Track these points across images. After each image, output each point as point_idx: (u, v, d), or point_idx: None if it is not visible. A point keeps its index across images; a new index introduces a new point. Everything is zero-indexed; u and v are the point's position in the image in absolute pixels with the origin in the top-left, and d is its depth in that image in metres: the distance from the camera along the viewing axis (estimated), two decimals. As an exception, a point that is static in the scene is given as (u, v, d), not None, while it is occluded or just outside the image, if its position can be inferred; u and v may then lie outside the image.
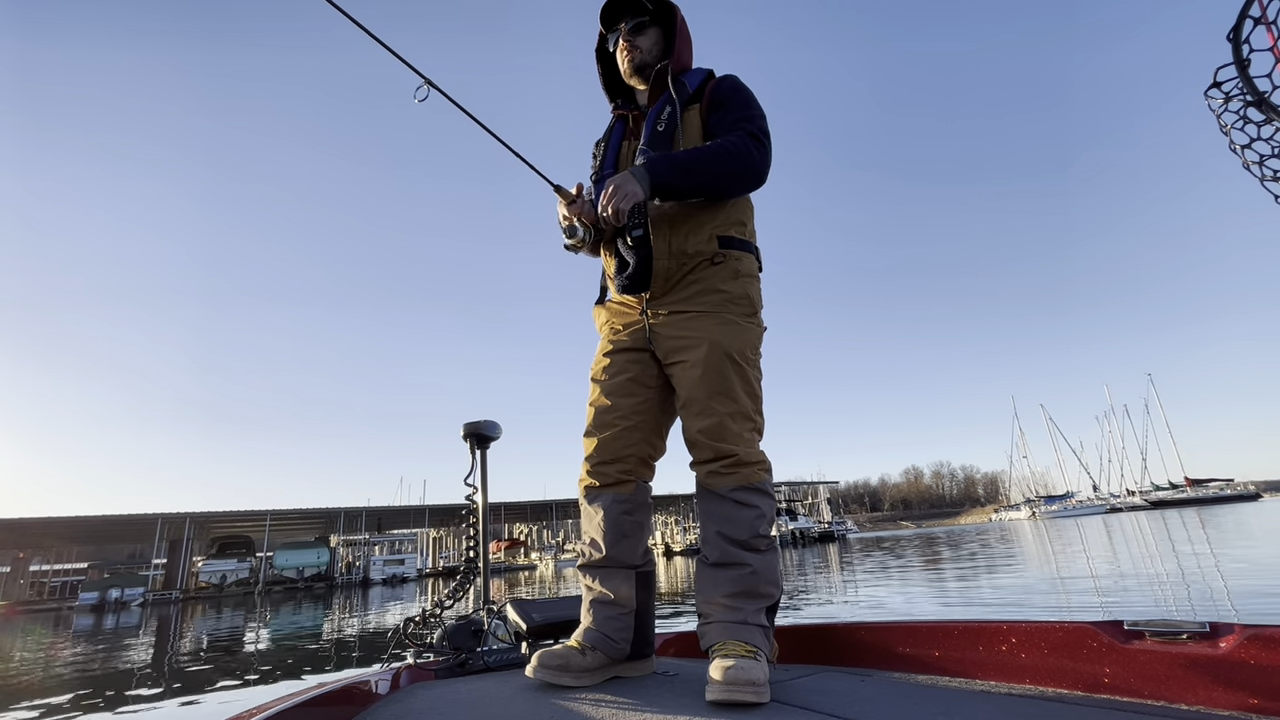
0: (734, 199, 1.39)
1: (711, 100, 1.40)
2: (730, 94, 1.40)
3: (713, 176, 1.30)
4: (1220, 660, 0.86)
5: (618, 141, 1.52)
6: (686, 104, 1.42)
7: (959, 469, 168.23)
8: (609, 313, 1.47)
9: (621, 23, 1.50)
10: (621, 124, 1.54)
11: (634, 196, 1.25)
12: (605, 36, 1.55)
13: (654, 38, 1.49)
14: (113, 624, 14.80)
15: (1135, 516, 33.14)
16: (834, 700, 1.02)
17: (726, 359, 1.28)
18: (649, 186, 1.27)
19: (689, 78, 1.46)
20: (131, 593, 31.35)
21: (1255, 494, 61.70)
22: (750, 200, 1.46)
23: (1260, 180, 1.44)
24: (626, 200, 1.25)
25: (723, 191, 1.34)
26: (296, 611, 13.58)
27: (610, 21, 1.53)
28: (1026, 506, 76.38)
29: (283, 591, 31.84)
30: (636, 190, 1.26)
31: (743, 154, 1.30)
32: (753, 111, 1.38)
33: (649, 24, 1.49)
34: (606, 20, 1.53)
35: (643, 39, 1.49)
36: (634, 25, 1.48)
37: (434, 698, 1.22)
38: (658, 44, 1.49)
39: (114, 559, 41.01)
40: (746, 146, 1.31)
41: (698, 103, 1.42)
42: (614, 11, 1.51)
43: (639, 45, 1.48)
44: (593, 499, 1.37)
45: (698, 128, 1.40)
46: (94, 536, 41.17)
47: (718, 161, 1.29)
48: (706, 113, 1.40)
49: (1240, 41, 1.45)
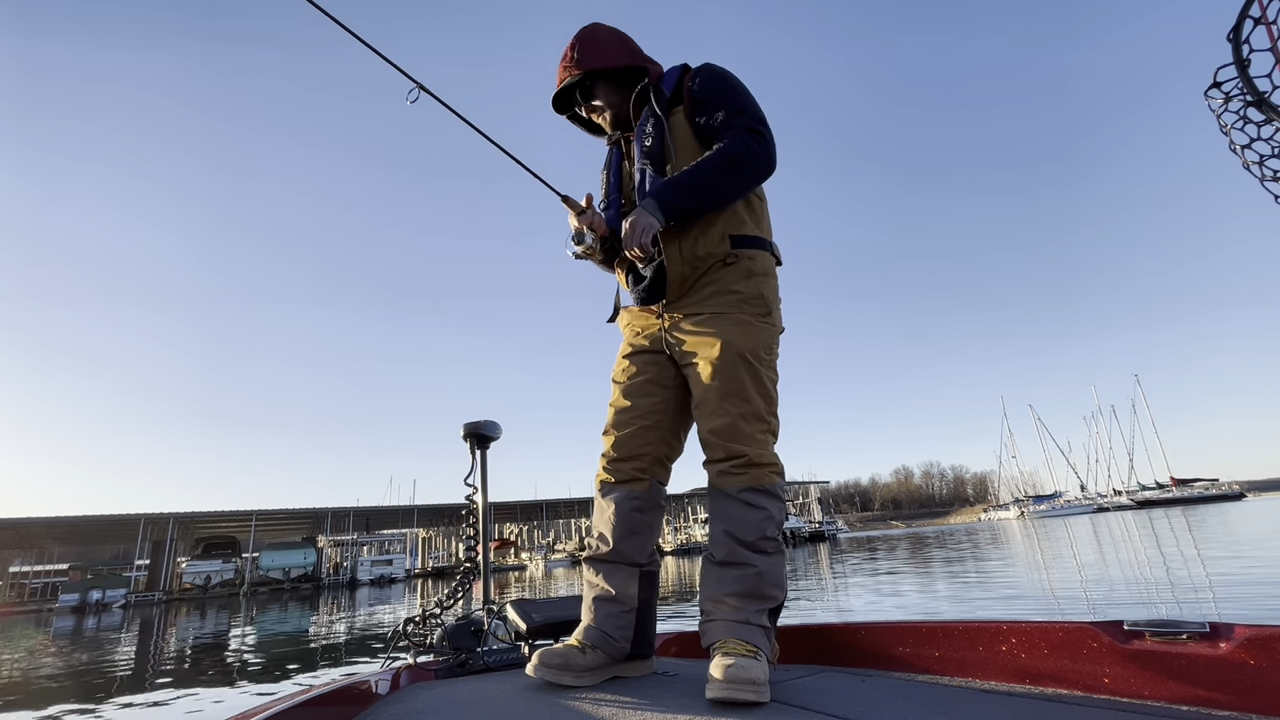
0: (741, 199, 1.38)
1: (693, 99, 1.38)
2: (712, 88, 1.37)
3: (720, 186, 1.29)
4: (1220, 660, 0.86)
5: (617, 165, 1.54)
6: (669, 109, 1.41)
7: (949, 469, 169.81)
8: (630, 315, 1.48)
9: (573, 104, 1.54)
10: (617, 149, 1.55)
11: (651, 229, 1.26)
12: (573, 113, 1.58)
13: (608, 88, 1.49)
14: (93, 626, 14.60)
15: (1122, 516, 33.58)
16: (834, 700, 1.02)
17: (739, 359, 1.27)
18: (662, 216, 1.28)
19: (665, 81, 1.44)
20: (113, 594, 30.98)
21: (1239, 494, 62.55)
22: (762, 194, 1.44)
23: (1260, 180, 1.45)
24: (647, 235, 1.26)
25: (735, 195, 1.33)
26: (282, 613, 13.44)
27: (564, 108, 1.56)
28: (1015, 506, 77.13)
29: (268, 592, 31.56)
30: (652, 222, 1.26)
31: (744, 155, 1.29)
32: (741, 102, 1.35)
33: (595, 83, 1.48)
34: (560, 109, 1.56)
35: (600, 99, 1.49)
36: (584, 94, 1.50)
37: (434, 698, 1.22)
38: (615, 89, 1.49)
39: (97, 560, 40.41)
40: (747, 145, 1.30)
41: (679, 103, 1.41)
42: (563, 100, 1.54)
43: (602, 106, 1.50)
44: (606, 493, 1.38)
45: (685, 129, 1.39)
46: (76, 537, 40.58)
47: (721, 170, 1.28)
48: (691, 113, 1.39)
49: (1240, 41, 1.46)
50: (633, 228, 1.27)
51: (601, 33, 1.48)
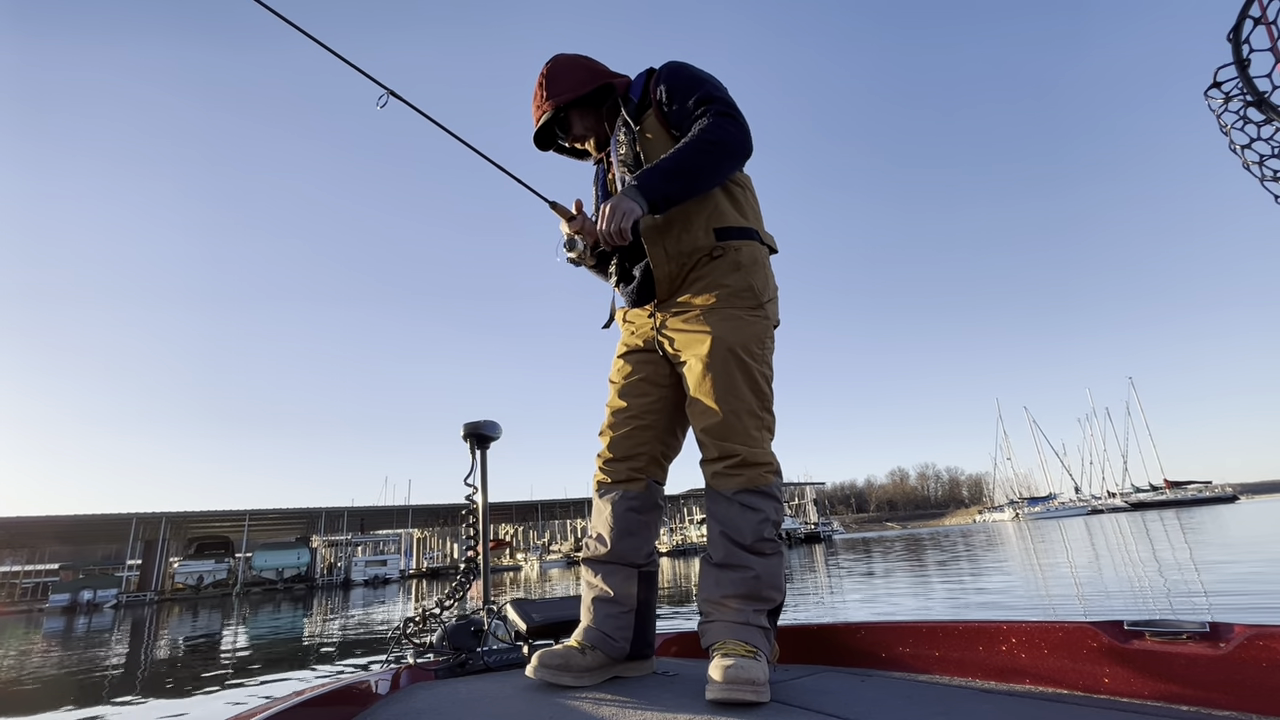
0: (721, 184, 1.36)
1: (660, 98, 1.39)
2: (676, 83, 1.37)
3: (700, 169, 1.28)
4: (1220, 660, 0.86)
5: (603, 178, 1.54)
6: (638, 115, 1.41)
7: (944, 470, 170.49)
8: (625, 316, 1.48)
9: (555, 140, 1.57)
10: (602, 165, 1.56)
11: (632, 213, 1.25)
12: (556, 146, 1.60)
13: (582, 115, 1.51)
14: (84, 626, 14.48)
15: (1116, 518, 33.71)
16: (834, 700, 1.02)
17: (729, 354, 1.26)
18: (645, 201, 1.26)
19: (633, 89, 1.45)
20: (104, 594, 30.75)
21: (1232, 496, 62.80)
22: (745, 183, 1.43)
23: (1260, 180, 1.45)
24: (626, 219, 1.24)
25: (715, 179, 1.32)
26: (275, 614, 13.37)
27: (547, 144, 1.58)
28: (1010, 508, 77.16)
29: (261, 593, 31.37)
30: (633, 207, 1.25)
31: (719, 137, 1.28)
32: (707, 89, 1.34)
33: (568, 113, 1.50)
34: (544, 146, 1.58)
35: (578, 128, 1.51)
36: (562, 126, 1.52)
37: (434, 698, 1.21)
38: (589, 113, 1.51)
39: (89, 560, 40.12)
40: (722, 128, 1.29)
41: (648, 107, 1.41)
42: (545, 138, 1.55)
43: (581, 134, 1.52)
44: (603, 494, 1.37)
45: (659, 130, 1.38)
46: (68, 537, 40.30)
47: (699, 153, 1.27)
48: (661, 112, 1.39)
49: (1240, 41, 1.45)
50: (612, 210, 1.25)
51: (561, 63, 1.49)
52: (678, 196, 1.29)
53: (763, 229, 1.41)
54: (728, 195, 1.37)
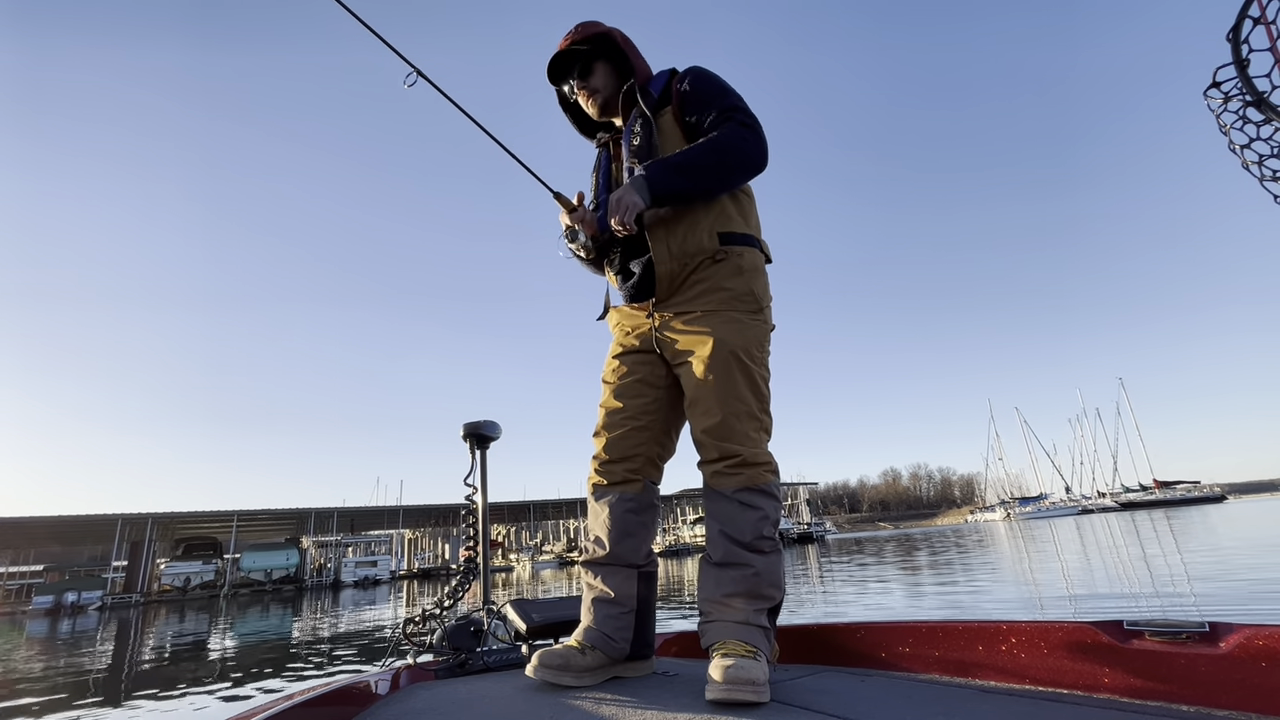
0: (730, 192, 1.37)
1: (683, 99, 1.38)
2: (701, 87, 1.37)
3: (710, 171, 1.28)
4: (1220, 660, 0.86)
5: (606, 167, 1.53)
6: (657, 111, 1.41)
7: (936, 471, 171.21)
8: (619, 315, 1.47)
9: (569, 75, 1.53)
10: (605, 151, 1.55)
11: (636, 206, 1.25)
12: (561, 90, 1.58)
13: (605, 71, 1.50)
14: (68, 629, 14.30)
15: (1106, 518, 34.07)
16: (834, 700, 1.02)
17: (731, 357, 1.26)
18: (649, 193, 1.26)
19: (653, 84, 1.45)
20: (89, 596, 30.41)
21: (1220, 496, 63.68)
22: (750, 192, 1.44)
23: (1259, 180, 1.45)
24: (631, 211, 1.25)
25: (724, 184, 1.32)
26: (263, 615, 13.25)
27: (558, 78, 1.55)
28: (1001, 508, 77.74)
29: (249, 594, 31.14)
30: (637, 200, 1.25)
31: (737, 144, 1.29)
32: (732, 100, 1.35)
33: (594, 61, 1.49)
34: (554, 78, 1.55)
35: (595, 79, 1.50)
36: (582, 70, 1.50)
37: (434, 698, 1.21)
38: (612, 75, 1.50)
39: (75, 561, 39.66)
40: (739, 135, 1.30)
41: (667, 104, 1.41)
42: (558, 68, 1.53)
43: (595, 87, 1.50)
44: (600, 496, 1.37)
45: (674, 130, 1.39)
46: (53, 538, 39.79)
47: (713, 155, 1.28)
48: (680, 113, 1.39)
49: (1240, 41, 1.46)
50: (618, 201, 1.25)
51: (606, 25, 1.50)
52: (682, 193, 1.29)
53: (762, 238, 1.42)
54: (734, 202, 1.38)
